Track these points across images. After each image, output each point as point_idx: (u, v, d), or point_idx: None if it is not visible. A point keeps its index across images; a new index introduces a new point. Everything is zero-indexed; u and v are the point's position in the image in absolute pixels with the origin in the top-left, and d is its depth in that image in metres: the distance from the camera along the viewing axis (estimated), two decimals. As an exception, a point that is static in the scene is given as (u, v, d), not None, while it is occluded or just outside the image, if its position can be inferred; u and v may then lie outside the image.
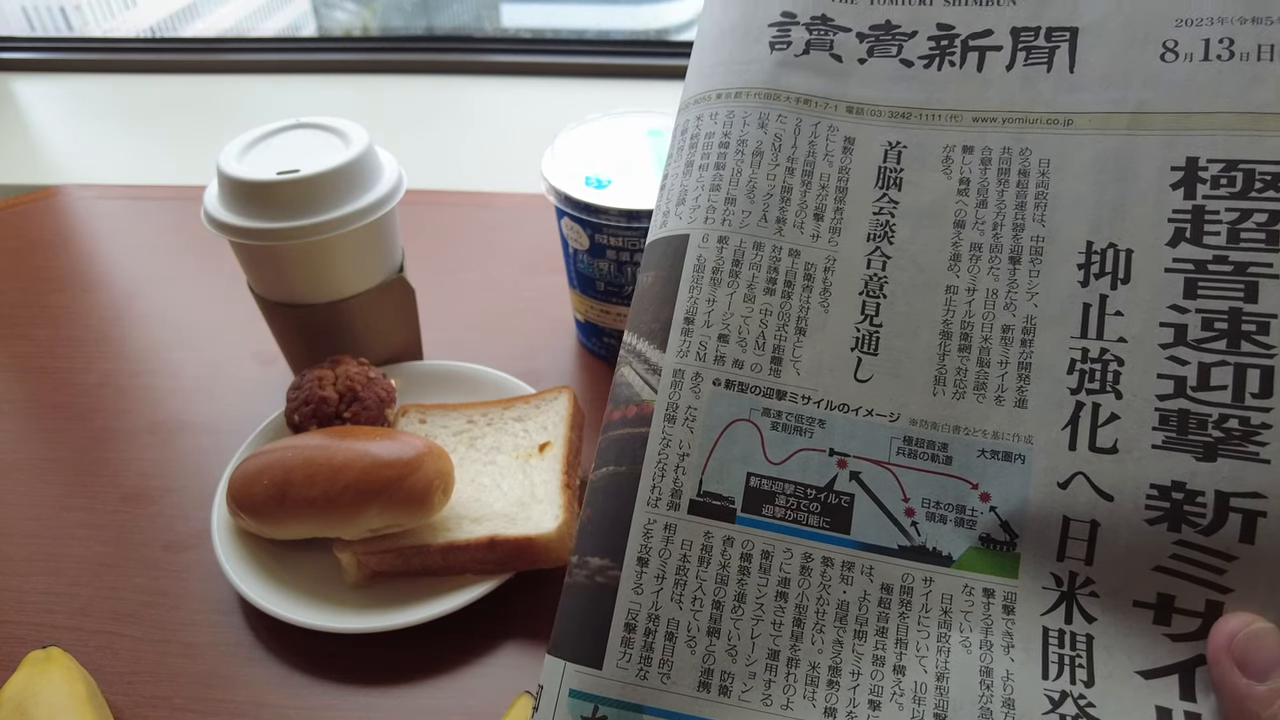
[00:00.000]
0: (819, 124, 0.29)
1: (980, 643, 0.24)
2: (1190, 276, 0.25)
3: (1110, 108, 0.27)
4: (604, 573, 0.26)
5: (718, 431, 0.27)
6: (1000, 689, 0.24)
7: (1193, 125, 0.26)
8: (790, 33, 0.30)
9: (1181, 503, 0.24)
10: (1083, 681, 0.24)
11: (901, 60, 0.30)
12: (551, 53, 1.16)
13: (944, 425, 0.26)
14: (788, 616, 0.25)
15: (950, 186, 0.28)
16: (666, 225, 0.29)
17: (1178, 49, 0.27)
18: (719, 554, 0.26)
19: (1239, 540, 0.23)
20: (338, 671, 0.42)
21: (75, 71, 1.22)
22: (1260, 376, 0.24)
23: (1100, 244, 0.26)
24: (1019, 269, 0.27)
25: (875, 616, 0.25)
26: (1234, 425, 0.24)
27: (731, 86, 0.30)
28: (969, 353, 0.27)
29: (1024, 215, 0.27)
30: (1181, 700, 0.23)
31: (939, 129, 0.29)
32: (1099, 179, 0.27)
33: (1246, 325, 0.25)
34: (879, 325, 0.27)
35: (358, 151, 0.49)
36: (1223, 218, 0.25)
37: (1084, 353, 0.26)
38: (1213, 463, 0.24)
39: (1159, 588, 0.24)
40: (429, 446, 0.44)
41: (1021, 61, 0.29)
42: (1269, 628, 0.23)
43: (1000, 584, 0.25)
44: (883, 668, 0.25)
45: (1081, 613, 0.24)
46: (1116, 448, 0.25)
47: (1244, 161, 0.26)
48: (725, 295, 0.28)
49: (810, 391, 0.27)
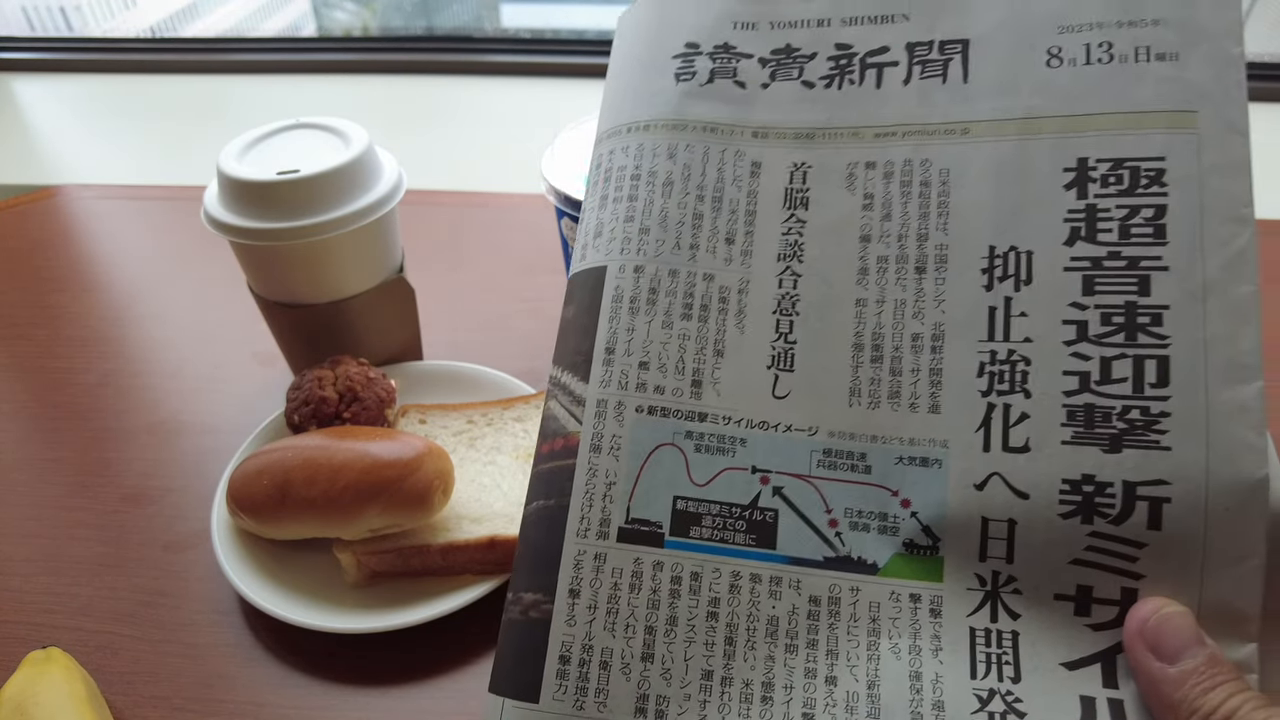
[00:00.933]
0: (726, 150, 0.30)
1: (909, 648, 0.25)
2: (1088, 274, 0.26)
3: (1003, 115, 0.28)
4: (537, 607, 0.26)
5: (643, 458, 0.27)
6: (930, 692, 0.24)
7: (1080, 127, 0.27)
8: (694, 63, 0.31)
9: (1092, 495, 0.25)
10: (1010, 678, 0.24)
11: (803, 82, 0.30)
12: (551, 53, 1.16)
13: (861, 435, 0.27)
14: (719, 636, 0.26)
15: (855, 203, 0.29)
16: (585, 258, 0.30)
17: (1062, 54, 0.28)
18: (649, 579, 0.26)
19: (1147, 527, 0.24)
20: (338, 671, 0.42)
21: (75, 71, 1.22)
22: (1157, 367, 0.25)
23: (1002, 248, 0.27)
24: (925, 278, 0.28)
25: (805, 629, 0.26)
26: (1136, 416, 0.25)
27: (640, 119, 0.31)
28: (881, 363, 0.27)
29: (927, 225, 0.28)
30: (1104, 688, 0.24)
31: (842, 147, 0.29)
32: (997, 185, 0.28)
33: (1141, 318, 0.25)
34: (794, 342, 0.28)
35: (358, 152, 0.49)
36: (1114, 215, 0.26)
37: (992, 355, 0.26)
38: (1119, 454, 0.25)
39: (1077, 580, 0.25)
40: (429, 446, 0.44)
41: (918, 75, 0.29)
42: (1180, 610, 0.23)
43: (926, 588, 0.25)
44: (815, 680, 0.25)
45: (1006, 610, 0.25)
46: (1028, 446, 0.25)
47: (1129, 159, 0.26)
48: (644, 323, 0.28)
49: (730, 412, 0.28)
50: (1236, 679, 0.22)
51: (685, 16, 0.32)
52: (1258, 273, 0.25)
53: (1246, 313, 0.24)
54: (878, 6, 0.30)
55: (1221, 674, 0.22)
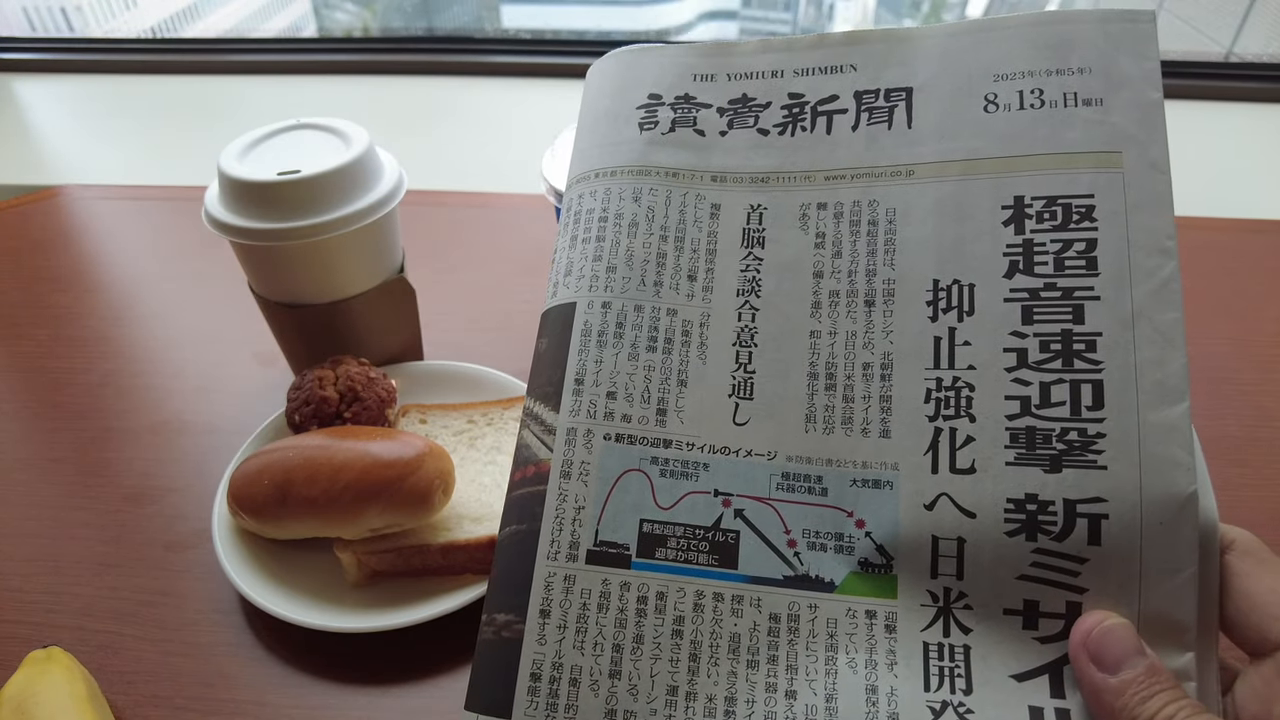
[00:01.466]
0: (687, 194, 0.32)
1: (865, 662, 0.26)
2: (1026, 304, 0.28)
3: (945, 156, 0.30)
4: (509, 627, 0.27)
5: (610, 483, 0.28)
6: (885, 705, 0.25)
7: (1016, 167, 0.29)
8: (657, 113, 0.33)
9: (1035, 513, 0.26)
10: (962, 690, 0.25)
11: (759, 130, 0.32)
12: (551, 53, 1.16)
13: (818, 459, 0.28)
14: (684, 653, 0.26)
15: (808, 241, 0.31)
16: (556, 295, 0.31)
17: (998, 100, 0.30)
18: (617, 599, 0.27)
19: (1088, 543, 0.25)
20: (338, 671, 0.42)
21: (76, 72, 1.23)
22: (1092, 390, 0.26)
23: (945, 281, 0.29)
24: (874, 310, 0.29)
25: (766, 645, 0.26)
26: (1074, 437, 0.26)
27: (607, 166, 0.33)
28: (835, 391, 0.29)
29: (875, 261, 0.30)
30: (1052, 698, 0.25)
31: (795, 190, 0.31)
32: (940, 222, 0.29)
33: (1077, 344, 0.27)
34: (753, 372, 0.29)
35: (358, 152, 0.49)
36: (1049, 249, 0.28)
37: (938, 382, 0.28)
38: (1059, 474, 0.26)
39: (1024, 594, 0.26)
40: (429, 446, 0.44)
41: (865, 122, 0.31)
42: (1120, 623, 0.24)
43: (881, 605, 0.26)
44: (775, 694, 0.26)
45: (958, 625, 0.26)
46: (974, 467, 0.27)
47: (1061, 197, 0.28)
48: (611, 355, 0.30)
49: (694, 438, 0.29)
50: (1174, 687, 0.23)
51: (649, 70, 0.34)
52: (1183, 300, 0.26)
53: (1173, 338, 0.26)
54: (827, 58, 0.32)
55: (1159, 683, 0.23)
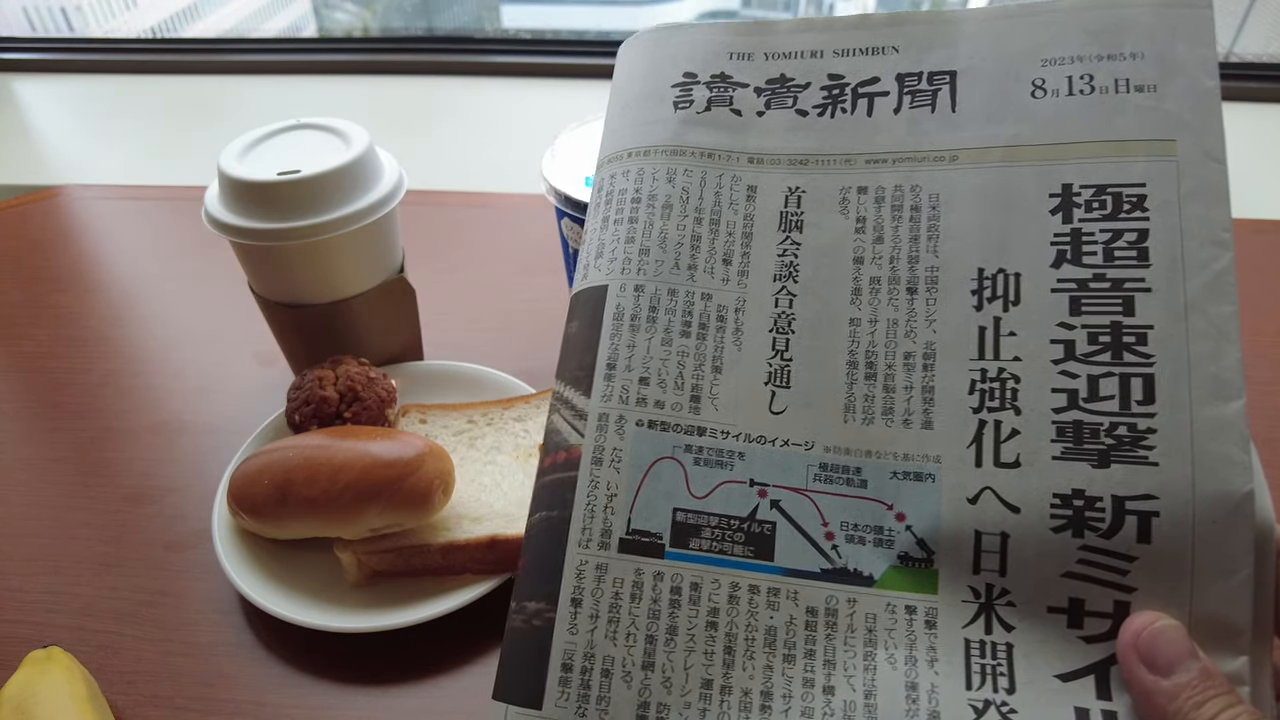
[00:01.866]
0: (723, 175, 0.31)
1: (905, 659, 0.25)
2: (1074, 295, 0.27)
3: (989, 142, 0.29)
4: (540, 615, 0.27)
5: (643, 470, 0.28)
6: (926, 702, 0.25)
7: (1064, 154, 0.28)
8: (692, 92, 0.32)
9: (1082, 509, 0.25)
10: (1005, 689, 0.25)
11: (797, 111, 0.31)
12: (551, 53, 1.16)
13: (857, 450, 0.27)
14: (718, 645, 0.26)
15: (848, 226, 0.30)
16: (587, 278, 0.31)
17: (1045, 86, 0.29)
18: (650, 589, 0.26)
19: (1137, 541, 0.24)
20: (338, 671, 0.42)
21: (76, 72, 1.23)
22: (1143, 384, 0.25)
23: (990, 270, 0.28)
24: (916, 298, 0.28)
25: (803, 640, 0.26)
26: (1123, 432, 0.25)
27: (641, 145, 0.32)
28: (875, 380, 0.28)
29: (918, 248, 0.29)
30: (1098, 699, 0.24)
31: (835, 173, 0.30)
32: (985, 209, 0.28)
33: (1127, 337, 0.26)
34: (789, 359, 0.29)
35: (358, 152, 0.49)
36: (1098, 239, 0.27)
37: (983, 373, 0.27)
38: (1107, 469, 0.25)
39: (1070, 592, 0.25)
40: (429, 446, 0.44)
41: (908, 105, 0.30)
42: (1172, 624, 0.24)
43: (921, 600, 0.26)
44: (813, 689, 0.25)
45: (1000, 622, 0.25)
46: (1019, 461, 0.26)
47: (1111, 185, 0.27)
48: (644, 340, 0.29)
49: (729, 426, 0.28)
50: (1229, 692, 0.22)
51: (683, 47, 0.33)
52: (1238, 293, 0.25)
53: (1228, 331, 0.25)
54: (869, 39, 0.31)
55: (1214, 687, 0.22)
